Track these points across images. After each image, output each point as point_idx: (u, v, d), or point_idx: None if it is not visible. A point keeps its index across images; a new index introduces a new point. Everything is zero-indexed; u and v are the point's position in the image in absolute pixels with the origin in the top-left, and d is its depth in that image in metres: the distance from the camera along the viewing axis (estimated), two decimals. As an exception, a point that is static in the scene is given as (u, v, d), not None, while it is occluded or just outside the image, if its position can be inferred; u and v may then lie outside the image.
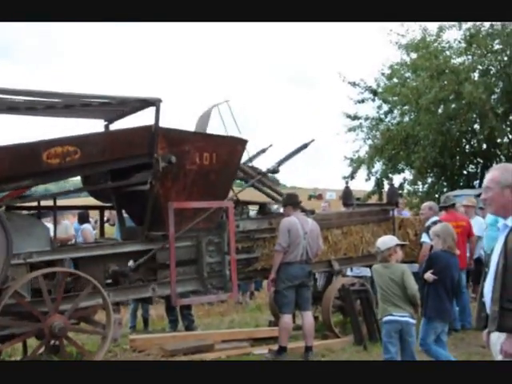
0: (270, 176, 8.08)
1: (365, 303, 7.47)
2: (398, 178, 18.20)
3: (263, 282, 10.64)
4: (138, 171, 6.12)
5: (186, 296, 6.87)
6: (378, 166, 17.89)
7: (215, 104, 7.03)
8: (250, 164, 7.44)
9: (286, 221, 6.63)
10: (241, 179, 7.39)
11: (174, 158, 5.93)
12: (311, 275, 6.83)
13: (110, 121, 6.80)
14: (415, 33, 17.11)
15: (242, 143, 6.64)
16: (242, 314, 10.00)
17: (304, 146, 7.87)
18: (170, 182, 6.09)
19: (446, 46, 16.84)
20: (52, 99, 5.71)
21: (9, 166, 5.21)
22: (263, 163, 8.06)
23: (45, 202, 6.43)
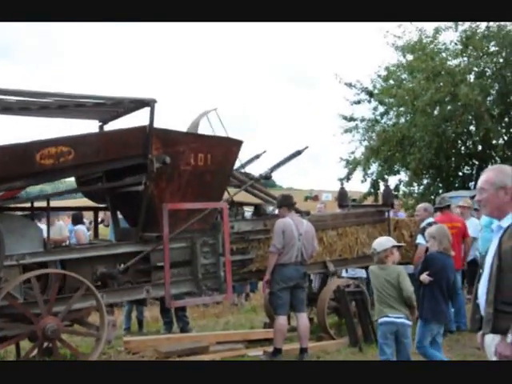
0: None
1: (360, 305, 7.46)
2: (393, 180, 18.24)
3: (258, 284, 10.61)
4: (132, 172, 6.10)
5: (180, 298, 6.85)
6: (374, 167, 17.91)
7: (203, 113, 7.05)
8: (242, 170, 7.44)
9: (280, 222, 6.61)
10: (235, 186, 7.36)
11: (168, 159, 5.91)
12: (306, 277, 6.80)
13: (104, 121, 6.77)
14: (412, 34, 17.17)
15: (237, 144, 6.62)
16: (237, 315, 9.97)
17: (297, 153, 7.88)
18: (164, 183, 6.07)
19: (442, 48, 16.87)
20: (46, 99, 5.68)
21: (1, 167, 5.17)
22: (257, 168, 8.04)
23: (39, 203, 6.40)
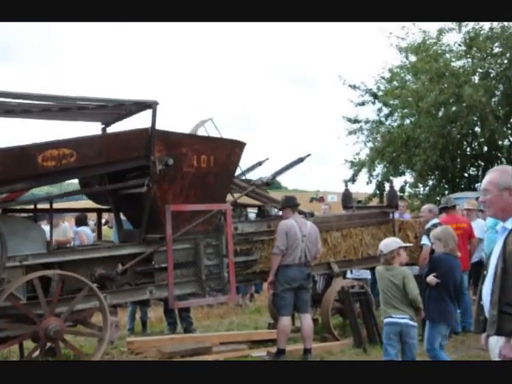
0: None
1: (364, 305, 7.45)
2: (399, 181, 18.20)
3: (263, 284, 10.61)
4: (135, 174, 6.09)
5: (184, 298, 6.83)
6: (379, 168, 17.87)
7: (200, 122, 7.05)
8: (243, 177, 7.43)
9: (283, 223, 6.60)
10: (235, 192, 7.33)
11: (171, 161, 5.90)
12: (310, 278, 6.79)
13: (107, 124, 6.76)
14: (415, 36, 17.13)
15: (240, 146, 6.60)
16: (242, 316, 9.97)
17: (300, 160, 7.86)
18: (167, 185, 6.06)
19: (446, 49, 16.83)
20: (48, 102, 5.68)
21: (4, 169, 5.17)
22: (258, 172, 8.03)
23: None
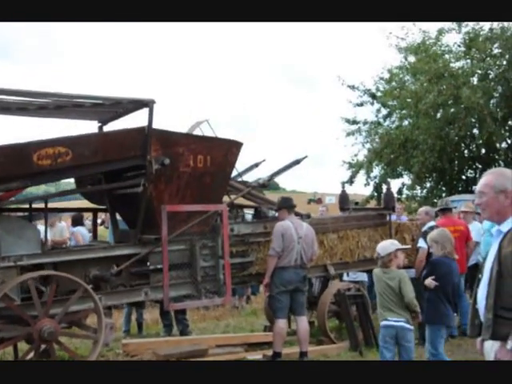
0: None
1: (361, 308, 7.42)
2: (396, 183, 18.18)
3: (260, 286, 10.58)
4: (131, 173, 6.06)
5: (179, 300, 6.80)
6: (377, 170, 17.85)
7: (196, 124, 7.01)
8: (239, 179, 7.40)
9: (279, 225, 6.57)
10: (231, 194, 7.31)
11: (167, 160, 5.86)
12: (306, 280, 6.75)
13: (103, 122, 6.73)
14: (415, 36, 17.12)
15: (237, 146, 6.57)
16: (238, 318, 9.93)
17: (296, 162, 7.83)
18: (163, 185, 6.02)
19: (445, 50, 16.82)
20: (44, 99, 5.64)
21: None
22: (255, 173, 7.99)
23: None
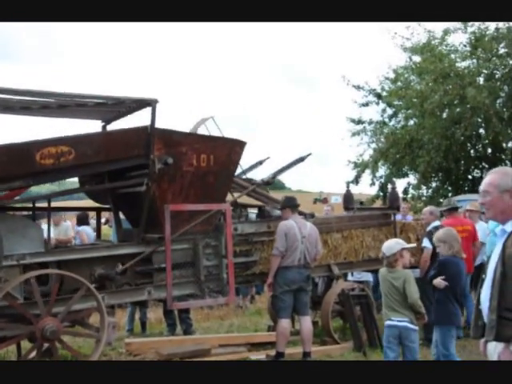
0: (275, 179, 8.00)
1: (365, 309, 7.39)
2: (402, 183, 18.09)
3: (264, 286, 10.56)
4: (135, 172, 6.05)
5: (183, 299, 6.79)
6: (383, 170, 17.78)
7: (201, 120, 7.00)
8: (244, 176, 7.38)
9: (283, 224, 6.54)
10: (236, 191, 7.29)
11: (170, 160, 5.86)
12: (309, 280, 6.72)
13: (107, 121, 6.73)
14: (420, 36, 17.04)
15: (241, 145, 6.55)
16: (242, 318, 9.91)
17: (300, 160, 7.80)
18: (166, 184, 6.02)
19: (451, 50, 16.73)
20: (47, 99, 5.64)
21: (1, 167, 5.13)
22: (259, 171, 7.97)
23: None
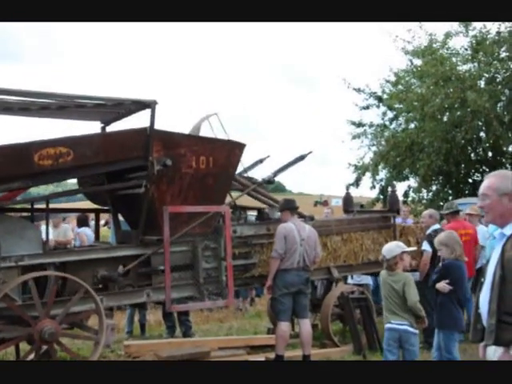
0: (275, 182, 7.99)
1: (364, 312, 7.37)
2: (402, 186, 18.07)
3: (264, 288, 10.55)
4: (133, 174, 6.03)
5: (182, 302, 6.77)
6: (383, 173, 17.76)
7: (204, 117, 6.98)
8: (245, 174, 7.36)
9: (282, 227, 6.52)
10: (238, 189, 7.28)
11: (169, 161, 5.84)
12: (308, 282, 6.70)
13: (106, 123, 6.72)
14: (421, 39, 17.03)
15: (240, 147, 6.55)
16: (242, 320, 9.89)
17: (301, 158, 7.78)
18: (165, 186, 6.01)
19: (452, 53, 16.72)
20: (46, 100, 5.63)
21: None
22: (259, 171, 7.95)
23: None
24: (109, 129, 6.72)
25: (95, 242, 7.26)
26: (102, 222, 10.77)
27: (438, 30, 16.99)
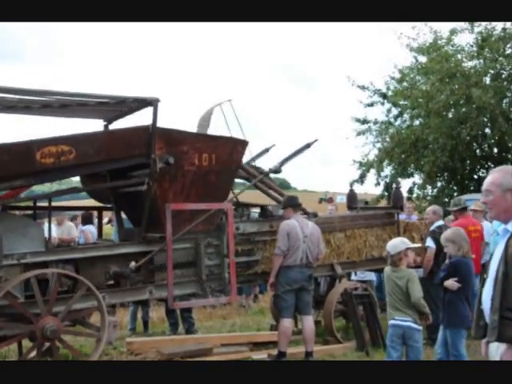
0: (280, 179, 7.98)
1: (367, 308, 7.35)
2: (407, 182, 18.02)
3: (267, 285, 10.54)
4: (136, 172, 6.03)
5: (185, 299, 6.77)
6: (388, 170, 17.71)
7: (218, 103, 6.92)
8: (252, 163, 7.33)
9: (285, 224, 6.51)
10: (243, 178, 7.27)
11: (171, 159, 5.84)
12: (311, 279, 6.69)
13: (109, 121, 6.72)
14: (426, 36, 16.96)
15: (243, 144, 6.53)
16: (245, 317, 9.89)
17: (307, 146, 7.74)
18: (167, 183, 6.00)
19: (457, 50, 16.64)
20: (48, 98, 5.62)
21: (1, 166, 5.12)
22: (265, 163, 7.90)
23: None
24: (111, 127, 6.72)
25: (98, 240, 7.26)
26: (105, 219, 10.80)
27: (443, 26, 16.90)
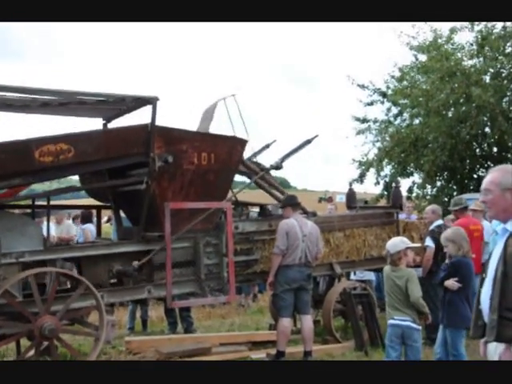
0: (279, 178, 7.97)
1: (366, 308, 7.34)
2: (407, 182, 18.00)
3: (266, 284, 10.53)
4: (135, 170, 6.02)
5: (184, 298, 6.76)
6: (387, 169, 17.69)
7: (221, 98, 6.88)
8: (253, 159, 7.32)
9: (284, 223, 6.50)
10: (244, 174, 7.25)
11: (170, 158, 5.82)
12: (310, 278, 6.68)
13: (108, 119, 6.70)
14: (426, 34, 16.94)
15: (242, 143, 6.51)
16: (244, 316, 9.89)
17: (307, 142, 7.72)
18: (166, 182, 5.98)
19: (457, 48, 16.62)
20: (48, 96, 5.60)
21: None
22: (266, 160, 7.87)
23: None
24: (110, 125, 6.71)
25: (97, 239, 7.25)
26: (104, 218, 10.79)
27: (443, 25, 16.86)
